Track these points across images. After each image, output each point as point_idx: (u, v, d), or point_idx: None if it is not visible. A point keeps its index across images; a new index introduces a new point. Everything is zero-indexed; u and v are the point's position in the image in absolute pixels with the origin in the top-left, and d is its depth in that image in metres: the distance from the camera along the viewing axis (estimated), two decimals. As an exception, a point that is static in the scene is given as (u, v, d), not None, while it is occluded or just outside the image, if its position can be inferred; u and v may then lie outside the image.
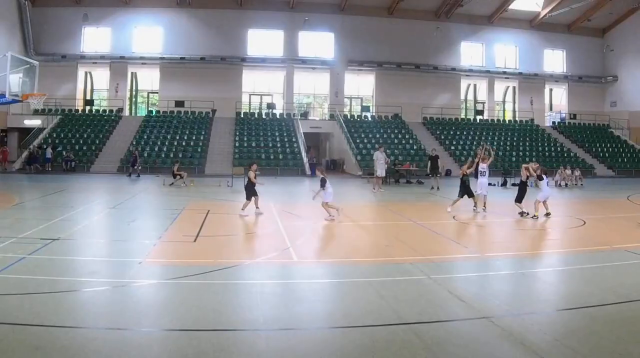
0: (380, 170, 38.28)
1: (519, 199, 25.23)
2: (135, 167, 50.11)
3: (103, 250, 17.41)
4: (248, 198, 24.37)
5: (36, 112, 62.82)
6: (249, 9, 70.27)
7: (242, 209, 24.01)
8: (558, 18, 73.75)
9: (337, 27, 71.88)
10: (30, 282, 12.39)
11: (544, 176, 24.87)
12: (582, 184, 46.37)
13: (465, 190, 25.99)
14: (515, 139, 67.77)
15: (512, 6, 71.98)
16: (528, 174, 25.48)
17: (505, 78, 78.32)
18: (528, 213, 24.36)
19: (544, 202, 24.62)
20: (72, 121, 64.40)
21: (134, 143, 57.91)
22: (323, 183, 22.72)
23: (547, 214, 24.54)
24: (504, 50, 77.93)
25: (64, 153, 54.61)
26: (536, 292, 13.21)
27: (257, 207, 24.35)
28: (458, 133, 67.61)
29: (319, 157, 68.76)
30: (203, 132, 62.53)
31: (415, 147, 61.48)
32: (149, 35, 70.49)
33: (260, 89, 75.45)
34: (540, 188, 25.07)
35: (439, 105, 73.69)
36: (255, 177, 24.42)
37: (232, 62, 70.14)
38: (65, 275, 13.45)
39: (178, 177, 39.71)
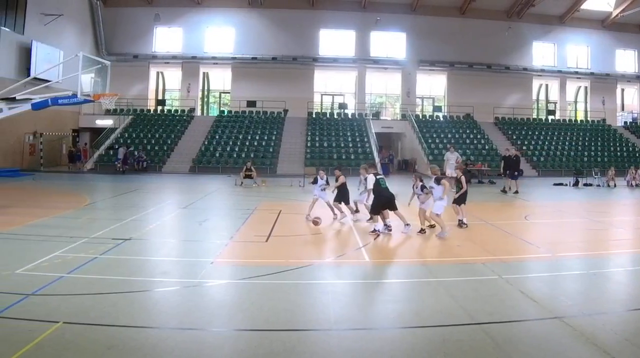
0: (450, 171, 38.02)
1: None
2: (127, 165, 52.04)
3: (174, 250, 17.71)
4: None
5: (108, 112, 63.93)
6: (321, 9, 70.44)
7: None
8: (630, 18, 72.44)
9: (408, 27, 71.52)
10: (102, 282, 12.69)
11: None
12: (653, 185, 45.71)
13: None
14: (587, 139, 66.60)
15: (584, 6, 70.90)
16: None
17: (577, 78, 77.10)
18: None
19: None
20: (144, 121, 65.26)
21: (127, 143, 58.13)
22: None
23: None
24: (576, 50, 76.74)
25: (136, 153, 55.28)
26: (607, 292, 13.15)
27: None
28: (530, 133, 66.69)
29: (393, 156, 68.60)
30: (275, 132, 62.63)
31: (487, 147, 60.89)
32: (221, 35, 71.06)
33: (331, 89, 75.43)
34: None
35: (511, 105, 72.93)
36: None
37: (303, 62, 70.27)
38: (137, 275, 13.73)
39: (247, 176, 39.75)
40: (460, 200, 22.61)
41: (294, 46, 69.57)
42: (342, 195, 23.46)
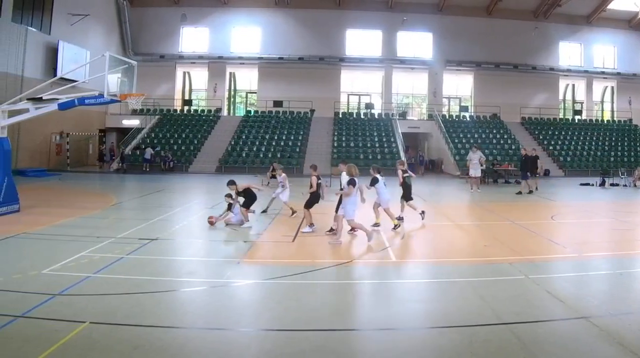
0: (473, 171, 37.89)
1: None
2: (122, 164, 53.46)
3: (201, 250, 17.76)
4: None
5: (134, 112, 64.09)
6: (348, 9, 70.38)
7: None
8: (657, 18, 72.05)
9: (435, 27, 71.38)
10: (128, 282, 12.76)
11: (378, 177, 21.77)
12: (680, 184, 45.37)
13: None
14: (613, 139, 66.25)
15: (611, 6, 70.46)
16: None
17: (604, 78, 76.63)
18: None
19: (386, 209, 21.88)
20: (171, 121, 65.54)
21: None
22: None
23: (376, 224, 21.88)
24: (603, 50, 76.26)
25: (162, 153, 55.56)
26: (634, 292, 13.09)
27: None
28: (556, 133, 66.36)
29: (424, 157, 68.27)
30: (301, 132, 62.66)
31: (513, 147, 60.43)
32: (247, 35, 71.08)
33: (358, 89, 75.31)
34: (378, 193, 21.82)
35: (537, 105, 72.52)
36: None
37: (330, 62, 70.18)
38: (164, 275, 13.81)
39: (274, 176, 39.73)
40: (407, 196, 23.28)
41: (320, 46, 69.56)
42: (248, 201, 22.98)
